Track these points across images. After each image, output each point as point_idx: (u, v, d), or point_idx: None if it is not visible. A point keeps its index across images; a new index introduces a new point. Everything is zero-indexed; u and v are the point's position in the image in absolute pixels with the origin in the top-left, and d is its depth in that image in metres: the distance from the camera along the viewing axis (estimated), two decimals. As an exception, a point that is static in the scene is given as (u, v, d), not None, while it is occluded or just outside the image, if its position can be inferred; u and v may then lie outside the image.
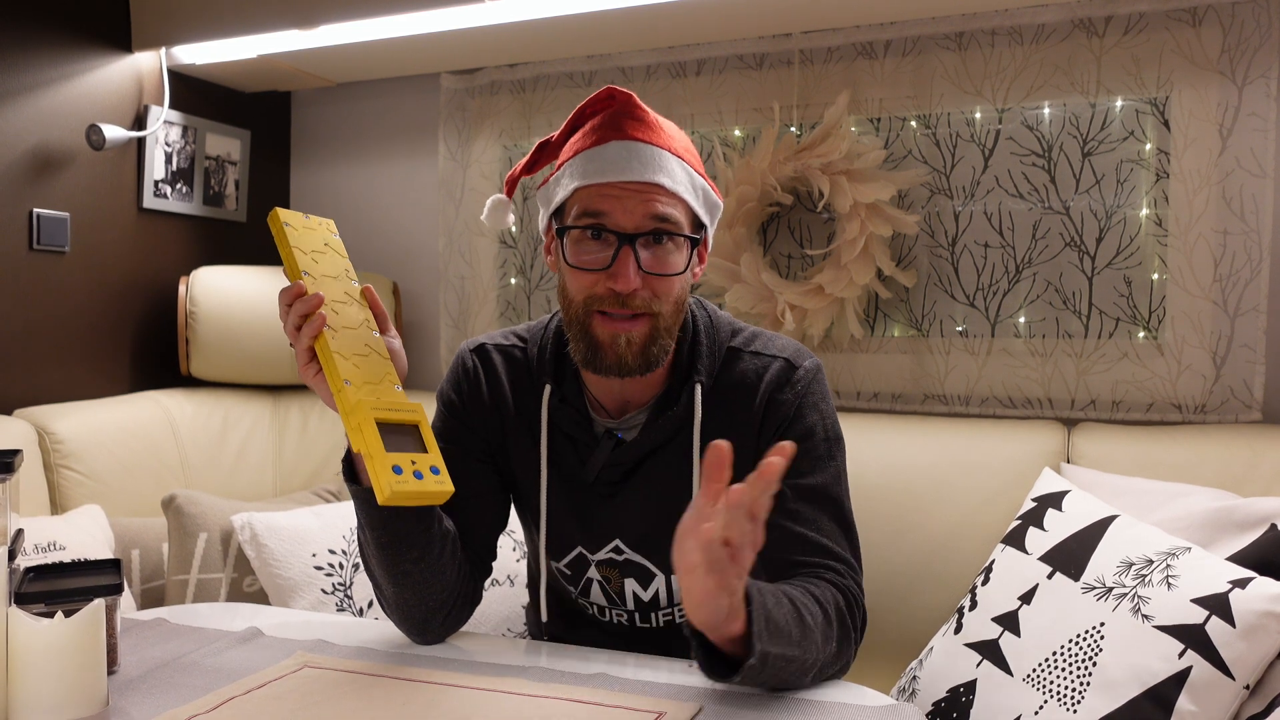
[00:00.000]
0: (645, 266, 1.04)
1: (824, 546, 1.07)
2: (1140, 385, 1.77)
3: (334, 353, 0.93)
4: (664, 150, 1.05)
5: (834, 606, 1.02)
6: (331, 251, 1.03)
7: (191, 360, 2.11)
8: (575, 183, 1.05)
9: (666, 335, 1.08)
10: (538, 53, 2.15)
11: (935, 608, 1.60)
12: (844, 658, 1.04)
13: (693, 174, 1.08)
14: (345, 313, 0.98)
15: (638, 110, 1.07)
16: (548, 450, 1.16)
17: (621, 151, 1.04)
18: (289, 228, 1.00)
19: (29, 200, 1.91)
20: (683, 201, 1.06)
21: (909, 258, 1.94)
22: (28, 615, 0.89)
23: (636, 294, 1.04)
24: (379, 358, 0.98)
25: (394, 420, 0.91)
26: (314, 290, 0.96)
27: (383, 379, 0.96)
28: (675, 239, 1.06)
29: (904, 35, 1.91)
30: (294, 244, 0.99)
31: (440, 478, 0.90)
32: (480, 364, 1.21)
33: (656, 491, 1.13)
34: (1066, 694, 1.24)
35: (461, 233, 2.32)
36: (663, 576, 1.16)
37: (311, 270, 0.98)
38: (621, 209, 1.03)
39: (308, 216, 1.03)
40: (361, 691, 0.95)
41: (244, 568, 1.72)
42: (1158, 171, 1.76)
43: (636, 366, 1.07)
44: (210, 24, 2.02)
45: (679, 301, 1.09)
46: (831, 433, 1.14)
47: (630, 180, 1.03)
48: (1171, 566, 1.25)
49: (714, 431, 1.11)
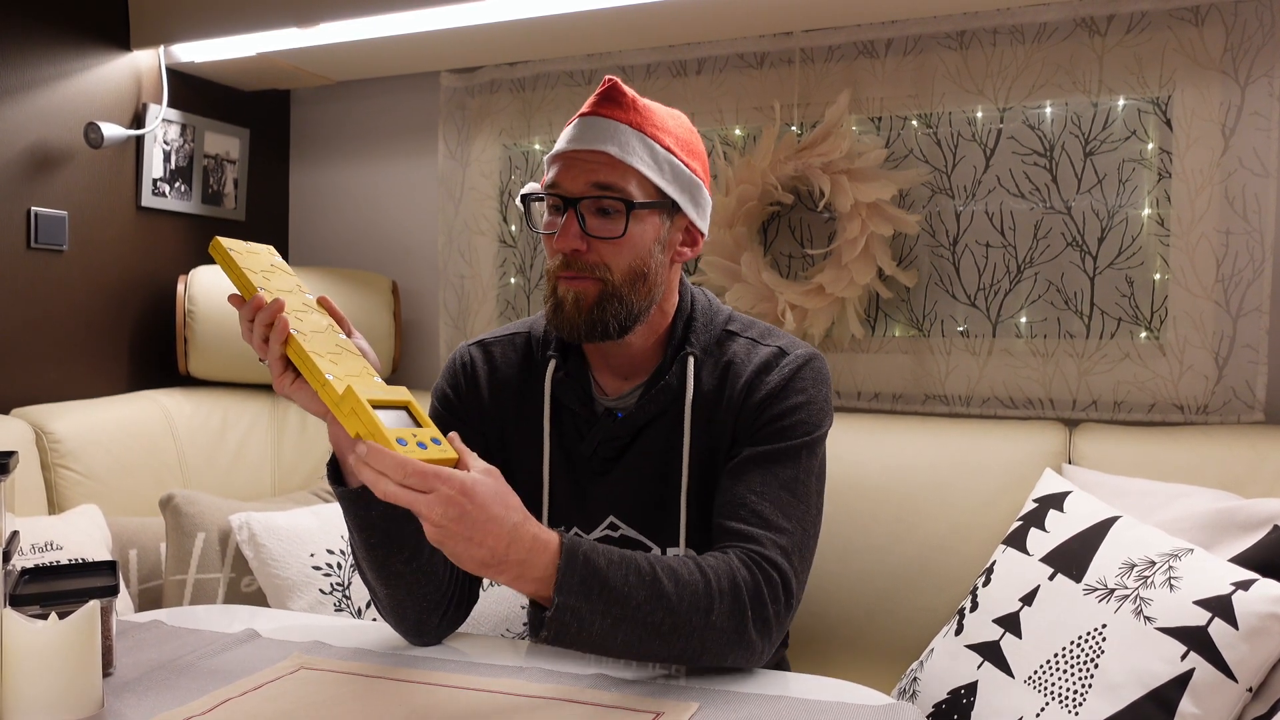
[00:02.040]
0: (590, 230, 1.09)
1: (759, 513, 1.05)
2: (1142, 386, 1.76)
3: (310, 353, 0.93)
4: (626, 125, 1.10)
5: (727, 578, 0.98)
6: (279, 271, 1.05)
7: (190, 359, 2.11)
8: (549, 159, 1.14)
9: (622, 303, 1.10)
10: (538, 51, 2.15)
11: (936, 609, 1.60)
12: (742, 633, 0.98)
13: (658, 150, 1.11)
14: (309, 319, 0.99)
15: (616, 93, 1.12)
16: (550, 427, 1.17)
17: (583, 125, 1.11)
18: (234, 252, 1.01)
19: (27, 199, 1.91)
20: (633, 170, 1.09)
21: (910, 257, 1.93)
22: (22, 617, 0.88)
23: (581, 256, 1.09)
24: (353, 355, 0.99)
25: (385, 402, 0.91)
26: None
27: (361, 372, 0.97)
28: (630, 209, 1.09)
29: (905, 34, 1.91)
30: (243, 266, 1.00)
31: (442, 446, 0.90)
32: (480, 356, 1.23)
33: (649, 465, 1.15)
34: (1068, 696, 1.23)
35: (461, 231, 2.31)
36: (659, 550, 1.17)
37: (265, 286, 0.99)
38: (569, 176, 1.10)
39: (249, 243, 1.06)
40: (359, 693, 0.94)
41: (242, 568, 1.71)
42: (1160, 171, 1.75)
43: (585, 326, 1.10)
44: (209, 22, 2.02)
45: (635, 269, 1.11)
46: (813, 417, 1.12)
47: (580, 149, 1.09)
48: (1174, 568, 1.24)
49: (703, 405, 1.14)
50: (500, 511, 0.87)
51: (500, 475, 0.91)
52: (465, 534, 0.86)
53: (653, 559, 0.97)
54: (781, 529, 1.05)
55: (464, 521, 0.85)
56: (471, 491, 0.85)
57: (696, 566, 0.98)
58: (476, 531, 0.86)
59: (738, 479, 1.09)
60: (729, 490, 1.09)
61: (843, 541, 1.67)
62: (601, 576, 0.92)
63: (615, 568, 0.94)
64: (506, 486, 0.90)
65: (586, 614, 0.91)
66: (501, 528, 0.87)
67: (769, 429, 1.10)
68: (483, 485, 0.87)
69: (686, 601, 0.95)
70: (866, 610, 1.65)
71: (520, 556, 0.89)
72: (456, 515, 0.85)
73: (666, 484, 1.15)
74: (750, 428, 1.12)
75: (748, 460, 1.09)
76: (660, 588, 0.95)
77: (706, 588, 0.97)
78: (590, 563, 0.92)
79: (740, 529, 1.05)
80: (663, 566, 0.97)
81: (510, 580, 0.91)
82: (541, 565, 0.91)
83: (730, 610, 0.98)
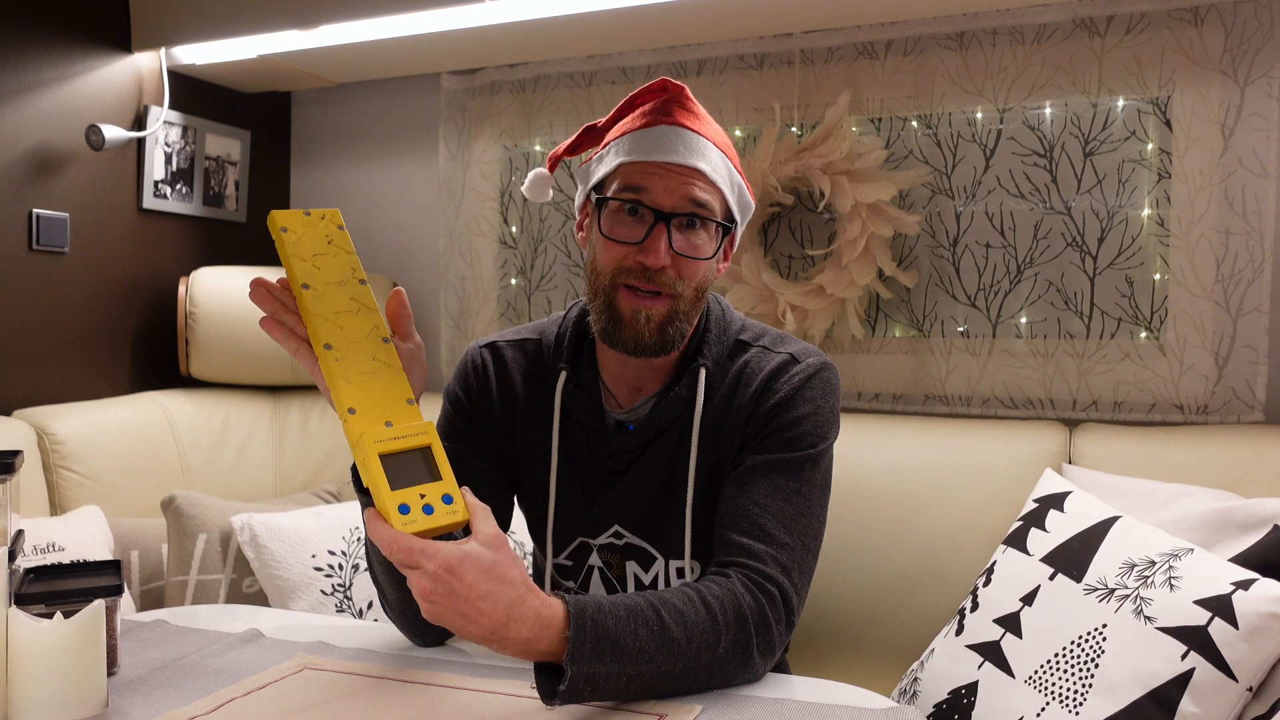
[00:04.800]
0: (677, 247, 1.07)
1: (761, 527, 1.04)
2: (1142, 386, 1.76)
3: (338, 378, 0.89)
4: (708, 140, 1.09)
5: (732, 608, 0.97)
6: (335, 249, 0.97)
7: (191, 361, 2.11)
8: (620, 159, 1.08)
9: (684, 320, 1.10)
10: (538, 53, 2.15)
11: (936, 609, 1.60)
12: (748, 660, 0.98)
13: (732, 169, 1.11)
14: (350, 325, 0.93)
15: (688, 101, 1.11)
16: (559, 438, 1.17)
17: (669, 134, 1.07)
18: (286, 233, 0.94)
19: (29, 200, 1.91)
20: (719, 191, 1.09)
21: (910, 258, 1.93)
22: (28, 616, 0.88)
23: (664, 271, 1.07)
24: (389, 371, 0.92)
25: (402, 448, 0.87)
26: (316, 303, 0.92)
27: (393, 398, 0.91)
28: (708, 225, 1.09)
29: (905, 35, 1.91)
30: (292, 252, 0.94)
31: (453, 507, 0.86)
32: (491, 359, 1.22)
33: (656, 475, 1.15)
34: (1068, 696, 1.23)
35: (462, 233, 2.32)
36: (663, 560, 1.17)
37: (312, 280, 0.93)
38: (662, 187, 1.06)
39: (308, 212, 0.98)
40: (362, 693, 0.94)
41: (243, 569, 1.72)
42: (1160, 171, 1.75)
43: (653, 344, 1.09)
44: (210, 24, 2.02)
45: (700, 288, 1.11)
46: (819, 429, 1.11)
47: (673, 161, 1.06)
48: (1174, 568, 1.24)
49: (712, 416, 1.13)
50: (492, 588, 0.84)
51: (506, 543, 0.87)
52: (458, 610, 0.83)
53: (657, 602, 0.95)
54: (783, 544, 1.04)
55: (454, 598, 0.83)
56: (458, 569, 0.82)
57: (701, 602, 0.96)
58: (470, 609, 0.83)
59: (741, 488, 1.08)
60: (732, 499, 1.08)
61: (843, 542, 1.67)
62: (612, 637, 0.90)
63: (624, 624, 0.91)
64: (508, 557, 0.86)
65: (600, 677, 0.89)
66: (496, 605, 0.84)
67: (775, 438, 1.10)
68: (473, 560, 0.83)
69: (696, 643, 0.94)
70: (867, 610, 1.65)
71: (524, 635, 0.86)
72: (445, 592, 0.82)
73: (673, 494, 1.15)
74: (756, 435, 1.11)
75: (752, 469, 1.09)
76: (669, 635, 0.93)
77: (713, 623, 0.96)
78: (599, 625, 0.89)
79: (742, 543, 1.04)
80: (669, 610, 0.94)
81: (516, 654, 0.88)
82: (548, 640, 0.88)
83: (735, 640, 0.97)
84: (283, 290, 0.94)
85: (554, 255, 2.24)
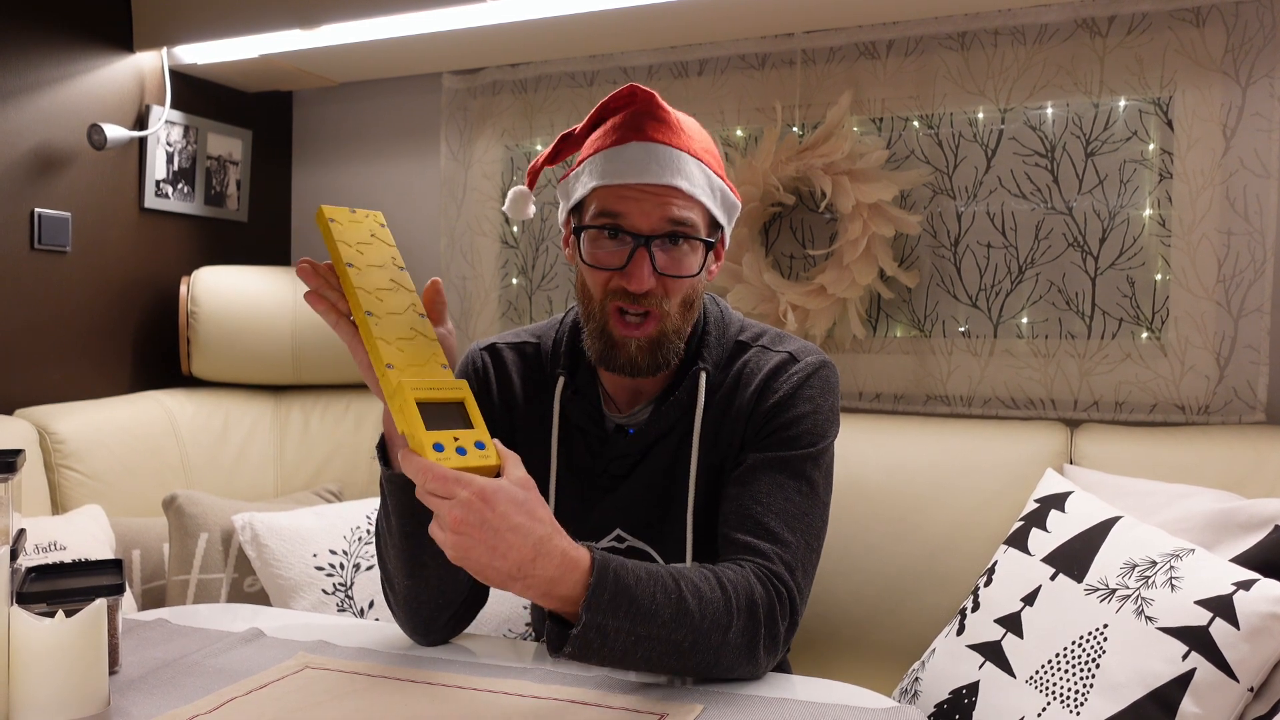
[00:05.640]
0: (660, 268, 1.06)
1: (764, 525, 1.04)
2: (1143, 386, 1.76)
3: (377, 339, 0.92)
4: (683, 152, 1.07)
5: (745, 595, 0.98)
6: (378, 241, 1.02)
7: (193, 360, 2.11)
8: (594, 181, 1.07)
9: (675, 336, 1.10)
10: (539, 52, 2.15)
11: (937, 609, 1.60)
12: (753, 651, 0.98)
13: (711, 175, 1.09)
14: (389, 299, 0.97)
15: (659, 110, 1.08)
16: (558, 443, 1.16)
17: (640, 153, 1.05)
18: (334, 223, 1.00)
19: (30, 200, 1.91)
20: (699, 204, 1.08)
21: (911, 258, 1.93)
22: (29, 615, 0.88)
23: (650, 294, 1.07)
24: (425, 339, 0.96)
25: (438, 399, 0.89)
26: (359, 280, 0.96)
27: (428, 359, 0.94)
28: (691, 241, 1.08)
29: (906, 35, 1.91)
30: (339, 238, 0.99)
31: (485, 452, 0.88)
32: (491, 361, 1.22)
33: (657, 479, 1.14)
34: (1069, 696, 1.23)
35: (463, 233, 2.32)
36: (664, 563, 1.16)
37: (355, 261, 0.98)
38: (639, 211, 1.05)
39: (354, 210, 1.04)
40: (363, 693, 0.94)
41: (245, 568, 1.72)
42: (1161, 172, 1.75)
43: (647, 366, 1.09)
44: (212, 24, 2.02)
45: (687, 300, 1.10)
46: (819, 427, 1.11)
47: (648, 183, 1.05)
48: (1175, 568, 1.24)
49: (713, 419, 1.13)
50: (523, 521, 0.84)
51: (536, 488, 0.88)
52: (487, 542, 0.83)
53: (678, 574, 0.95)
54: (786, 543, 1.04)
55: (484, 529, 0.82)
56: (492, 498, 0.82)
57: (718, 582, 0.97)
58: (499, 541, 0.83)
59: (743, 487, 1.08)
60: (735, 499, 1.08)
61: (844, 542, 1.67)
62: (631, 594, 0.90)
63: (644, 585, 0.92)
64: (538, 497, 0.87)
65: (612, 631, 0.90)
66: (525, 539, 0.84)
67: (775, 437, 1.10)
68: (506, 492, 0.84)
69: (709, 620, 0.94)
70: (868, 610, 1.65)
71: (549, 573, 0.86)
72: (477, 522, 0.82)
73: (674, 498, 1.15)
74: (757, 434, 1.11)
75: (754, 467, 1.09)
76: (685, 605, 0.93)
77: (727, 605, 0.96)
78: (620, 580, 0.90)
79: (746, 541, 1.04)
80: (687, 583, 0.95)
81: (536, 596, 0.88)
82: (570, 583, 0.88)
83: (745, 628, 0.97)
84: (328, 270, 0.97)
85: (555, 255, 2.24)
